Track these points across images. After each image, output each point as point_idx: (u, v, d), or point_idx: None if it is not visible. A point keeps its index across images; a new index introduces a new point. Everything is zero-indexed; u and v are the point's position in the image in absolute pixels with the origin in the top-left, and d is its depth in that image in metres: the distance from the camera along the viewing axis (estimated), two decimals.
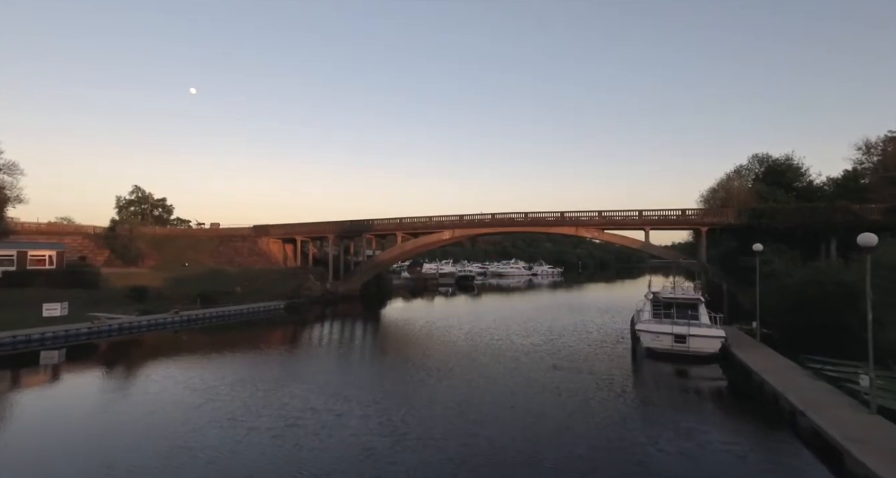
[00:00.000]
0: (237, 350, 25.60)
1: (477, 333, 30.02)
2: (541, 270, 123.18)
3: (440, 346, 26.54)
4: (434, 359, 22.80)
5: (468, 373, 19.64)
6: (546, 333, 29.36)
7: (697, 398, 17.58)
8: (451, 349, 25.22)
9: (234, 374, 19.76)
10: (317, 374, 20.66)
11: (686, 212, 42.14)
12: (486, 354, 23.61)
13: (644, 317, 25.49)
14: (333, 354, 25.19)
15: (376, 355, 24.92)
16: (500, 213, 48.91)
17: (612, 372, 20.00)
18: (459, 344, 26.60)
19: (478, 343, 26.66)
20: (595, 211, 44.56)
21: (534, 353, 23.67)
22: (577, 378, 18.54)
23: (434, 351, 24.95)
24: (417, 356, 23.79)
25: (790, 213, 37.70)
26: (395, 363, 22.67)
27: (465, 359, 22.65)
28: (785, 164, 52.44)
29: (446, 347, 25.84)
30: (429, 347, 26.07)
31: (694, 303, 25.42)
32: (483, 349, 24.72)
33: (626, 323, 32.85)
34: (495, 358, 22.29)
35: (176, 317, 34.13)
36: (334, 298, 52.93)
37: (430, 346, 26.55)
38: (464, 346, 26.11)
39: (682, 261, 40.02)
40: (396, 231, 52.71)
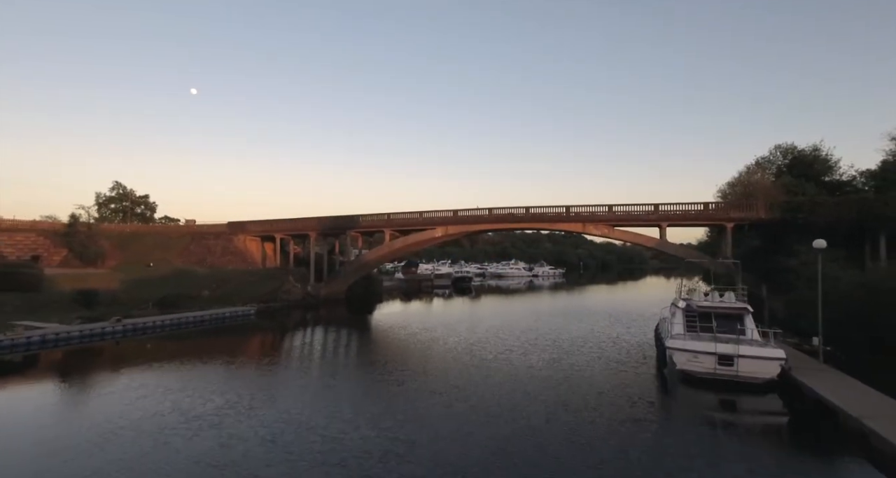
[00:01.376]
0: (183, 368, 20.61)
1: (467, 348, 24.81)
2: (542, 271, 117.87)
3: (415, 370, 21.24)
4: (404, 396, 17.49)
5: (445, 421, 13.69)
6: (550, 349, 24.13)
7: (754, 442, 12.49)
8: (429, 377, 19.91)
9: (160, 403, 14.68)
10: (274, 399, 15.54)
11: (709, 206, 36.88)
12: (474, 383, 18.22)
13: (675, 330, 20.25)
14: (297, 375, 19.93)
15: (342, 377, 19.66)
16: (498, 207, 43.71)
17: (636, 407, 14.80)
18: (442, 367, 21.32)
19: (466, 365, 21.45)
20: (604, 205, 39.33)
21: (534, 381, 18.40)
22: (591, 428, 13.12)
23: (407, 379, 19.66)
24: (380, 389, 18.54)
25: (832, 206, 32.41)
26: (352, 393, 17.39)
27: (445, 391, 17.33)
28: (812, 155, 47.14)
29: (424, 373, 20.54)
30: (401, 374, 20.78)
31: (739, 313, 20.19)
32: (471, 376, 19.39)
33: (646, 335, 27.59)
34: (485, 393, 16.90)
35: (117, 326, 28.89)
36: (316, 301, 47.73)
37: (403, 371, 21.24)
38: (448, 368, 20.87)
39: (717, 260, 34.59)
40: (384, 228, 47.48)
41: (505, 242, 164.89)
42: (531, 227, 44.23)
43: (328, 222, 49.28)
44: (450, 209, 45.26)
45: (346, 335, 31.77)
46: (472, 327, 31.18)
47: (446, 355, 22.90)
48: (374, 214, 47.98)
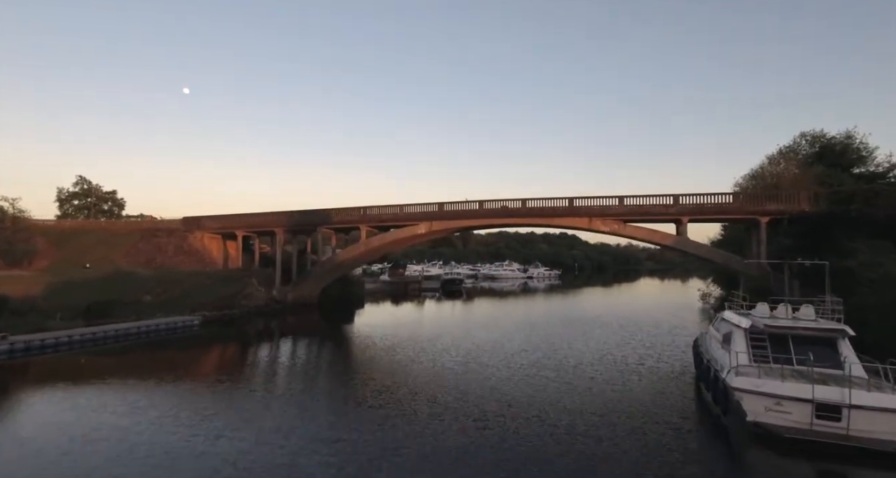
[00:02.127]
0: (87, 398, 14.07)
1: (445, 376, 18.50)
2: (537, 272, 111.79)
3: (376, 409, 14.91)
4: (350, 452, 11.25)
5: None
6: (551, 379, 17.76)
7: None
8: (392, 423, 13.60)
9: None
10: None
11: (740, 197, 30.97)
12: (444, 450, 11.99)
13: (737, 360, 14.14)
14: (234, 416, 13.53)
15: (290, 407, 13.31)
16: (490, 200, 37.53)
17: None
18: (409, 409, 14.98)
19: (440, 403, 15.11)
20: (614, 196, 33.27)
21: (528, 442, 12.14)
22: None
23: (363, 424, 13.35)
24: (330, 431, 12.25)
25: (893, 196, 26.52)
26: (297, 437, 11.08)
27: (408, 453, 11.09)
28: (843, 143, 41.34)
29: (385, 417, 14.23)
30: (357, 413, 14.47)
31: (831, 337, 14.13)
32: (443, 429, 13.12)
33: (673, 358, 21.42)
34: (469, 458, 10.76)
35: (3, 344, 22.36)
36: (282, 307, 41.33)
37: (360, 409, 14.92)
38: (417, 412, 14.51)
39: (754, 261, 28.24)
40: (360, 224, 41.16)
41: (498, 243, 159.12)
42: (528, 223, 38.08)
43: (297, 218, 42.86)
44: (434, 203, 39.03)
45: (308, 350, 25.56)
46: (457, 341, 24.85)
47: (422, 390, 16.55)
48: (347, 208, 41.65)
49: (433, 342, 25.05)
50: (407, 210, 39.74)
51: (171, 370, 19.70)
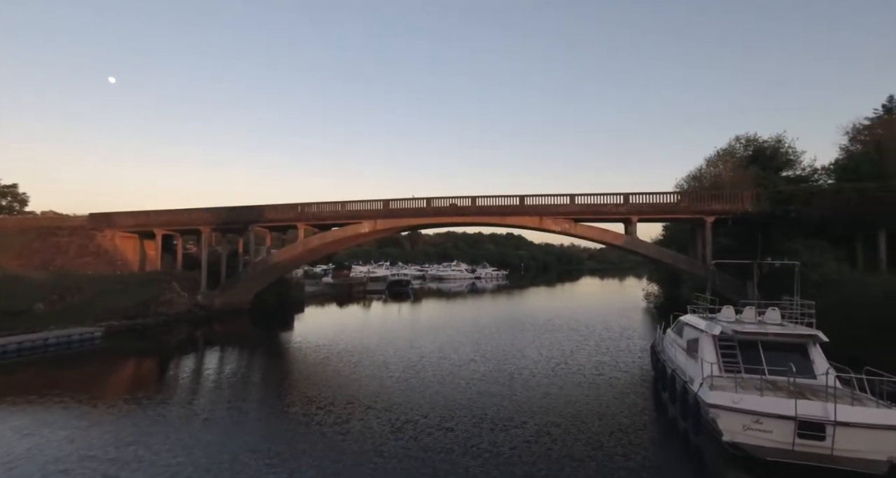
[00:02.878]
0: None
1: (383, 396, 15.96)
2: (484, 272, 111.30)
3: (302, 436, 12.20)
4: None
5: None
6: (503, 397, 15.71)
7: None
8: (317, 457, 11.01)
9: None
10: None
11: (687, 196, 30.76)
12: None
13: (708, 370, 12.77)
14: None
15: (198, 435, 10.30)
16: (438, 198, 35.35)
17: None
18: (336, 441, 12.39)
19: (373, 434, 12.59)
20: (565, 194, 32.14)
21: (473, 474, 10.07)
22: None
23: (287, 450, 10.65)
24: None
25: (829, 197, 27.04)
26: None
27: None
28: (773, 147, 43.00)
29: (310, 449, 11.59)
30: (283, 440, 11.72)
31: (802, 342, 13.08)
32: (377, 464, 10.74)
33: (631, 364, 20.08)
34: None
35: None
36: (208, 314, 37.03)
37: (288, 435, 12.16)
38: (345, 444, 11.94)
39: (696, 261, 27.86)
40: (297, 222, 37.63)
41: (447, 243, 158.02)
42: (478, 222, 36.28)
43: (225, 215, 38.57)
44: (379, 200, 36.34)
45: (236, 362, 22.09)
46: (400, 350, 22.32)
47: (352, 411, 13.93)
48: (283, 204, 37.95)
49: (374, 353, 22.42)
50: (349, 208, 36.73)
51: (55, 394, 15.81)
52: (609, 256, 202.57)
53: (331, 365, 20.33)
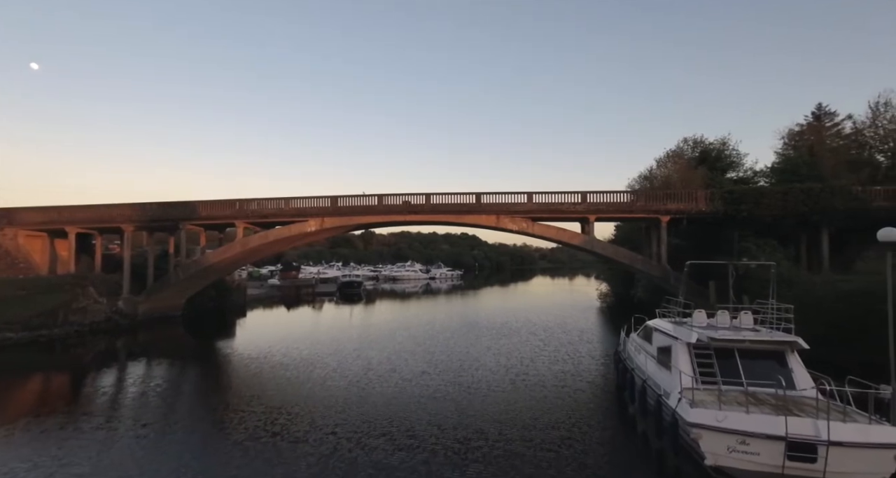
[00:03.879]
0: None
1: (322, 418, 13.60)
2: (439, 273, 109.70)
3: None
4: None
5: None
6: (460, 417, 13.75)
7: None
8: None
9: None
10: None
11: (643, 195, 30.28)
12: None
13: (685, 382, 11.50)
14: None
15: None
16: (390, 194, 33.12)
17: None
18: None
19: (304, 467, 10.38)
20: (523, 192, 30.84)
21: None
22: None
23: None
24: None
25: (778, 197, 27.24)
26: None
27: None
28: (718, 149, 44.05)
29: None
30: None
31: (778, 350, 12.07)
32: None
33: (595, 373, 18.71)
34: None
35: None
36: (132, 322, 32.91)
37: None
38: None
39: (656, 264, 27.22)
40: (235, 220, 34.17)
41: (401, 243, 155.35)
42: (433, 220, 34.32)
43: (152, 211, 34.40)
44: (327, 196, 33.62)
45: (161, 377, 18.87)
46: (345, 360, 19.81)
47: (283, 438, 11.56)
48: (219, 200, 34.35)
49: (315, 365, 19.88)
50: (294, 204, 33.71)
51: None
52: (559, 256, 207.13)
53: (264, 380, 17.65)
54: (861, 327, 18.51)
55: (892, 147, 32.92)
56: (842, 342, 18.13)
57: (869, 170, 34.07)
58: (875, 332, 17.94)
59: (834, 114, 43.08)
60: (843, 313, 19.40)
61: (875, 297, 19.46)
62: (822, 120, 43.48)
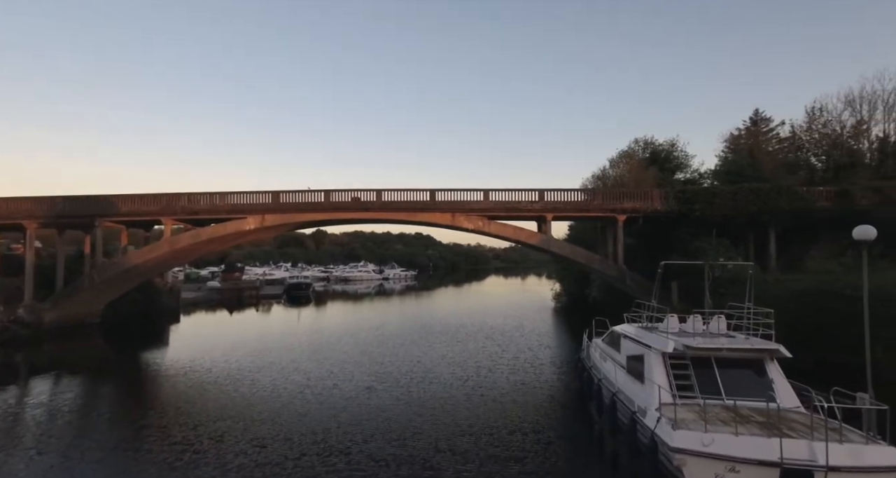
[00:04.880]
0: None
1: (250, 445, 11.22)
2: (393, 273, 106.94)
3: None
4: None
5: None
6: (408, 450, 11.87)
7: None
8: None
9: None
10: None
11: (600, 194, 29.59)
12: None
13: (662, 397, 10.19)
14: None
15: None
16: (338, 190, 30.63)
17: None
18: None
19: None
20: (478, 190, 29.34)
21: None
22: None
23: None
24: None
25: (729, 197, 27.26)
26: None
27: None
28: (667, 150, 44.83)
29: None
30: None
31: (756, 359, 11.05)
32: None
33: (560, 383, 17.28)
34: None
35: None
36: (36, 332, 28.45)
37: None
38: None
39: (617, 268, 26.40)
40: (162, 216, 30.44)
41: (354, 243, 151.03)
42: (385, 218, 32.14)
43: (61, 206, 29.92)
44: (267, 191, 30.64)
45: (69, 395, 15.49)
46: (277, 381, 17.21)
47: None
48: (142, 194, 30.47)
49: (245, 381, 17.20)
50: (230, 200, 30.41)
51: None
52: (513, 256, 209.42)
53: (180, 401, 14.90)
54: (814, 327, 18.28)
55: (827, 150, 34.16)
56: (797, 342, 17.83)
57: (805, 172, 35.39)
58: (829, 331, 17.82)
59: (769, 119, 44.90)
60: (796, 313, 19.16)
61: (827, 296, 19.49)
62: (759, 125, 45.22)
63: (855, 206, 26.22)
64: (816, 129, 35.20)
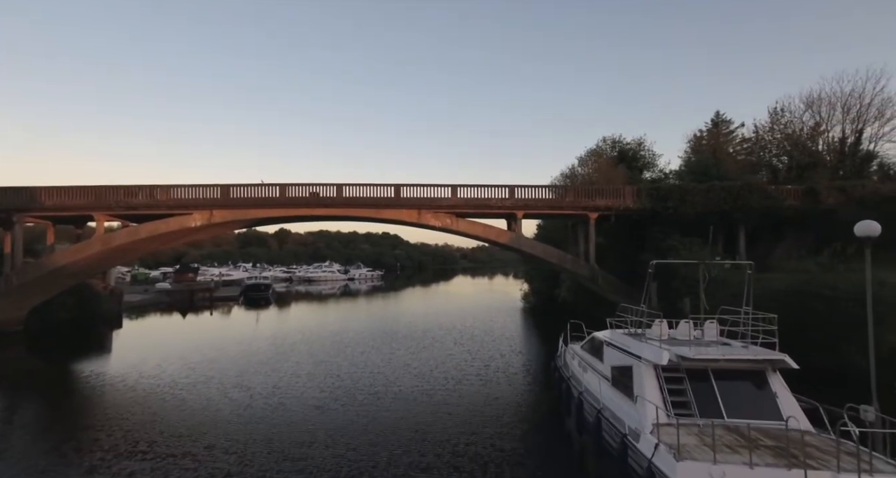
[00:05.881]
0: None
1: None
2: (358, 273, 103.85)
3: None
4: None
5: None
6: (365, 453, 10.04)
7: None
8: None
9: None
10: None
11: (572, 191, 28.44)
12: None
13: (656, 417, 8.70)
14: None
15: None
16: (295, 184, 28.21)
17: None
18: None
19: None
20: (446, 185, 27.60)
21: None
22: None
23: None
24: None
25: (702, 194, 26.64)
26: None
27: None
28: (634, 149, 44.59)
29: None
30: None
31: (758, 370, 9.73)
32: None
33: (538, 394, 15.69)
34: None
35: None
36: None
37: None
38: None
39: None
40: (94, 211, 27.11)
41: (319, 243, 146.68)
42: (347, 215, 29.87)
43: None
44: (216, 185, 27.85)
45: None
46: (219, 398, 14.84)
47: None
48: (70, 186, 27.04)
49: (180, 397, 14.84)
50: (174, 194, 27.43)
51: None
52: (480, 255, 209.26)
53: (95, 425, 12.39)
54: (793, 328, 17.49)
55: (789, 151, 34.37)
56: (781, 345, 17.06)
57: (768, 172, 35.60)
58: (809, 332, 17.09)
59: (730, 122, 45.58)
60: (775, 313, 18.43)
61: (805, 296, 18.84)
62: (720, 127, 45.77)
63: (821, 204, 26.20)
64: (779, 129, 35.44)
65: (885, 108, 30.62)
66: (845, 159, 32.24)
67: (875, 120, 30.78)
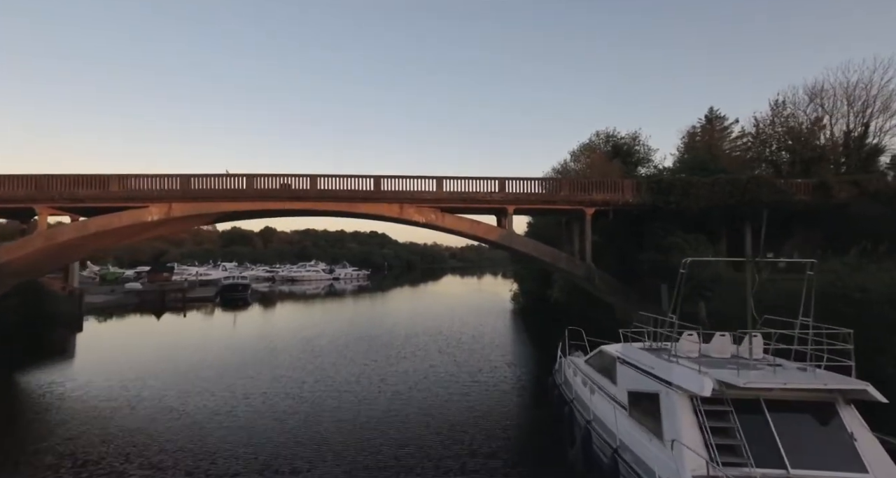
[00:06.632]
0: None
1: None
2: (344, 273, 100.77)
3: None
4: None
5: None
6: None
7: None
8: None
9: None
10: None
11: (567, 184, 26.17)
12: None
13: (695, 466, 6.32)
14: None
15: None
16: (264, 175, 25.52)
17: None
18: None
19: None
20: (431, 177, 25.12)
21: None
22: None
23: None
24: None
25: (706, 188, 24.54)
26: None
27: None
28: (628, 143, 42.61)
29: None
30: None
31: (826, 402, 7.34)
32: None
33: (528, 418, 13.17)
34: None
35: None
36: None
37: None
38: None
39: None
40: (35, 204, 24.07)
41: (305, 241, 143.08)
42: (321, 209, 27.17)
43: None
44: (175, 175, 25.03)
45: None
46: (177, 411, 12.20)
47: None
48: (7, 175, 24.01)
49: (101, 422, 12.20)
50: (127, 184, 24.54)
51: None
52: (469, 255, 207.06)
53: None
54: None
55: (792, 145, 32.60)
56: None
57: (768, 167, 33.81)
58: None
59: (724, 118, 44.24)
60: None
61: (831, 299, 16.73)
62: (714, 123, 44.26)
63: (833, 199, 24.34)
64: (780, 122, 33.69)
65: (891, 101, 28.97)
66: (851, 153, 30.53)
67: (881, 113, 29.12)
